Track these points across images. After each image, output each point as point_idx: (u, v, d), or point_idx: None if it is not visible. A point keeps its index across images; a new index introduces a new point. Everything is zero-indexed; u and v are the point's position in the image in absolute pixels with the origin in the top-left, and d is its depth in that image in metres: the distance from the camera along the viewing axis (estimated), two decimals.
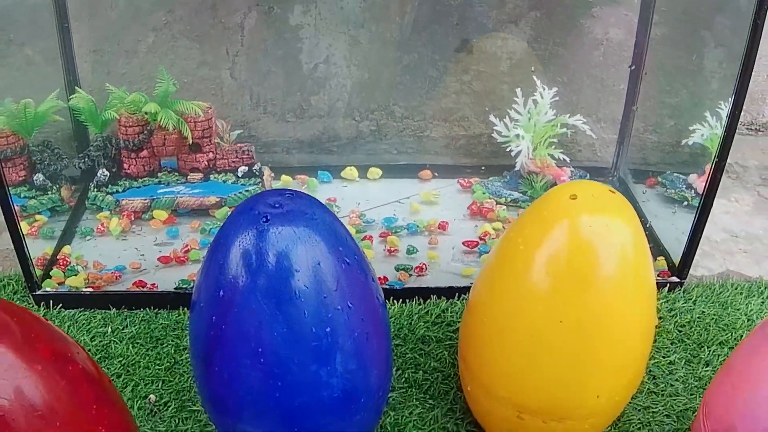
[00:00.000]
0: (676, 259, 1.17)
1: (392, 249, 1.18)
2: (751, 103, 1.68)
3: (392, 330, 1.06)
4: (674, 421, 0.96)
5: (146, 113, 1.20)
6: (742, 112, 1.68)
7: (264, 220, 0.72)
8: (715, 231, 1.42)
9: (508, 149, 1.29)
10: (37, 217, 1.22)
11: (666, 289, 1.17)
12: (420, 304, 1.10)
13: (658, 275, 1.20)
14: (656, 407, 0.99)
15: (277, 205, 0.74)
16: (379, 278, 1.13)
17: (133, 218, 1.23)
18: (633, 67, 1.31)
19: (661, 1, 1.28)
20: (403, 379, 0.99)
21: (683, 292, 1.18)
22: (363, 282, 0.76)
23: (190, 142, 1.24)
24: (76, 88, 1.23)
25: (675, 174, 1.32)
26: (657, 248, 1.24)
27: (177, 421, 0.94)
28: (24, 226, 1.11)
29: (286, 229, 0.72)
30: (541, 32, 1.36)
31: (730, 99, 1.04)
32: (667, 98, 1.40)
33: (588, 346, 0.77)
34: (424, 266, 1.15)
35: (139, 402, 0.96)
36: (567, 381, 0.79)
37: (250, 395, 0.74)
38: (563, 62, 1.38)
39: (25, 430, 0.64)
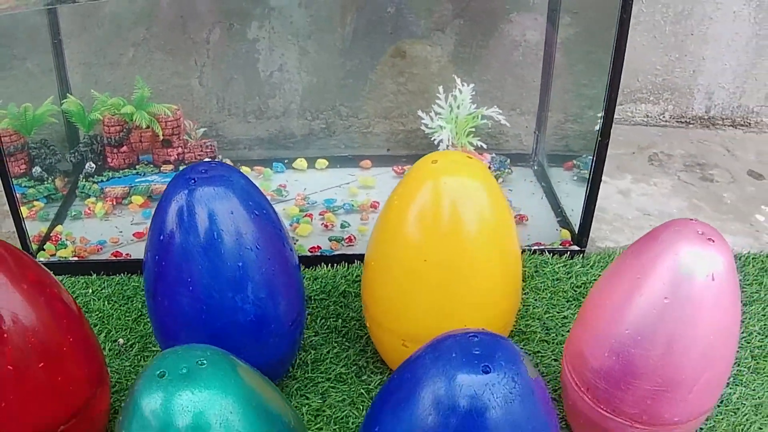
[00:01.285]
0: None
1: (328, 224, 1.40)
2: (681, 96, 1.87)
3: (319, 287, 1.26)
4: (560, 365, 1.14)
5: (124, 114, 1.42)
6: (672, 106, 1.89)
7: (192, 181, 0.94)
8: (630, 210, 1.60)
9: (433, 140, 1.50)
10: (35, 203, 1.44)
11: (567, 255, 1.36)
12: (345, 268, 1.31)
13: (561, 244, 1.39)
14: (545, 352, 1.17)
15: (203, 171, 0.95)
16: (312, 247, 1.35)
17: (115, 203, 1.45)
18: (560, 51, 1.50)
19: (570, 4, 1.47)
20: (326, 327, 1.20)
21: (582, 258, 1.37)
22: (271, 231, 0.97)
23: (162, 139, 1.46)
24: (68, 94, 1.46)
25: (589, 157, 1.50)
26: (564, 221, 1.44)
27: (140, 359, 1.15)
28: (24, 211, 1.33)
29: (208, 188, 0.93)
30: (465, 37, 1.57)
31: (606, 79, 1.22)
32: (583, 90, 1.59)
33: (449, 282, 0.97)
34: (353, 237, 1.36)
35: (110, 344, 1.17)
36: (437, 312, 0.98)
37: (183, 319, 0.96)
38: (486, 62, 1.58)
39: (11, 331, 0.84)
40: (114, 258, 1.34)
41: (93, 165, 1.48)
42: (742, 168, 1.74)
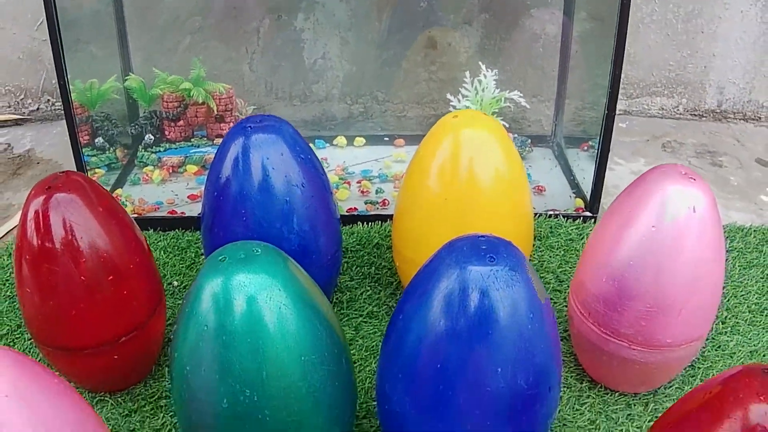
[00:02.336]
0: None
1: (364, 190, 1.55)
2: (693, 91, 1.99)
3: (355, 240, 1.41)
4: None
5: (182, 90, 1.60)
6: (686, 100, 2.00)
7: (249, 128, 1.09)
8: None
9: None
10: (97, 170, 1.61)
11: (580, 220, 1.49)
12: (380, 225, 1.45)
13: (574, 210, 1.52)
14: (557, 299, 1.30)
15: (258, 121, 1.11)
16: (350, 208, 1.50)
17: (171, 171, 1.62)
18: (577, 51, 1.65)
19: (582, 2, 1.62)
20: (360, 273, 1.34)
21: (594, 222, 1.49)
22: (314, 174, 1.12)
23: (215, 114, 1.63)
24: (130, 73, 1.64)
25: None
26: (578, 192, 1.57)
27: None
28: None
29: (262, 134, 1.09)
30: (489, 30, 1.72)
31: (610, 59, 1.36)
32: (597, 80, 1.72)
33: (465, 218, 1.10)
34: (386, 201, 1.51)
35: (165, 286, 1.33)
36: None
37: None
38: (508, 54, 1.73)
39: (86, 246, 1.00)
40: (170, 215, 1.50)
41: (152, 137, 1.65)
42: (750, 156, 1.84)
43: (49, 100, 2.08)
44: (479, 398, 0.81)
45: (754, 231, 1.51)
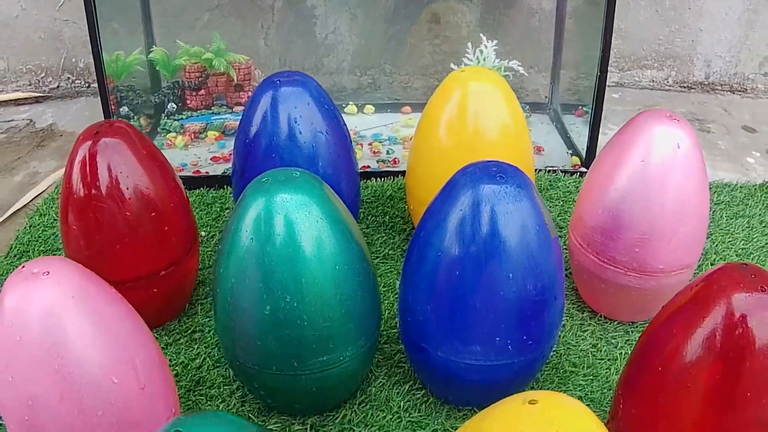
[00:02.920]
0: None
1: (376, 151, 1.66)
2: (682, 64, 2.11)
3: (370, 193, 1.51)
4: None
5: (205, 60, 1.70)
6: (675, 72, 2.11)
7: (278, 82, 1.20)
8: None
9: None
10: None
11: (576, 175, 1.60)
12: (392, 180, 1.56)
13: (571, 167, 1.63)
14: None
15: (286, 76, 1.22)
16: (363, 166, 1.60)
17: (193, 137, 1.72)
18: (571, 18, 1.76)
19: None
20: (375, 222, 1.45)
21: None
22: (336, 124, 1.23)
23: (235, 83, 1.74)
24: (153, 46, 1.74)
25: None
26: (574, 151, 1.68)
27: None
28: None
29: (290, 87, 1.20)
30: (490, 6, 1.83)
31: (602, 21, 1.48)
32: (590, 51, 1.83)
33: (473, 158, 1.21)
34: (397, 160, 1.61)
35: None
36: None
37: None
38: (507, 28, 1.84)
39: (131, 185, 1.10)
40: (195, 174, 1.60)
41: (174, 105, 1.75)
42: (737, 124, 1.96)
43: (69, 77, 2.17)
44: (493, 302, 0.92)
45: (740, 187, 1.62)
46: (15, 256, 1.46)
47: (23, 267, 0.84)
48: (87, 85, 2.17)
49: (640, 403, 0.86)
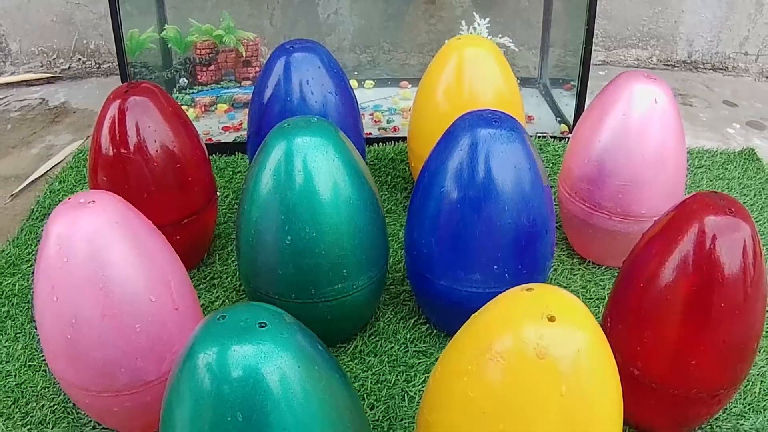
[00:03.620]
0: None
1: (377, 120, 1.76)
2: (666, 43, 2.21)
3: (372, 156, 1.62)
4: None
5: (216, 36, 1.80)
6: (659, 51, 2.22)
7: (291, 48, 1.30)
8: None
9: None
10: None
11: (565, 140, 1.70)
12: (393, 145, 1.67)
13: (560, 133, 1.74)
14: None
15: (298, 43, 1.32)
16: (365, 133, 1.70)
17: (204, 109, 1.82)
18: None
19: None
20: (378, 181, 1.55)
21: None
22: (344, 85, 1.33)
23: (243, 59, 1.83)
24: (165, 25, 1.84)
25: None
26: (563, 120, 1.78)
27: (233, 205, 1.51)
28: None
29: (302, 53, 1.30)
30: None
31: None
32: (577, 31, 1.94)
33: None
34: (397, 127, 1.72)
35: None
36: None
37: None
38: (499, 9, 1.95)
39: (159, 138, 1.19)
40: (207, 142, 1.70)
41: (185, 80, 1.85)
42: (718, 99, 2.07)
43: (80, 59, 2.26)
44: (491, 232, 1.02)
45: (720, 153, 1.73)
46: (36, 218, 1.55)
47: (69, 198, 0.93)
48: (98, 65, 2.26)
49: (626, 318, 0.96)
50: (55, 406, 1.10)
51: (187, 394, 0.67)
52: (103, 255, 0.90)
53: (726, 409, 1.08)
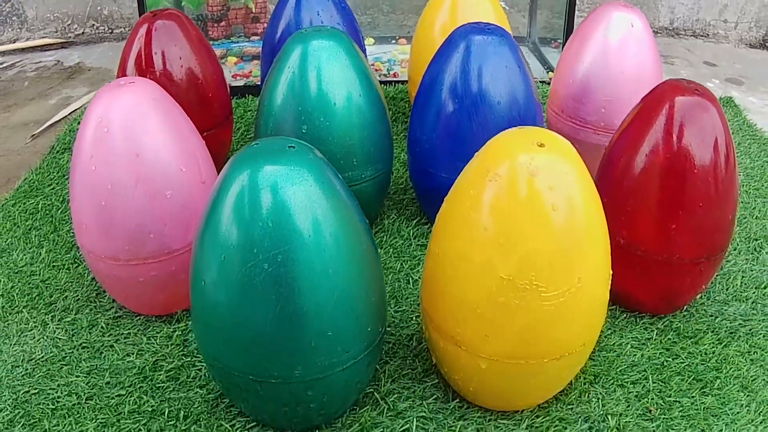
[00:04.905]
0: None
1: (378, 69, 1.88)
2: (648, 10, 2.34)
3: None
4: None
5: None
6: None
7: None
8: None
9: None
10: None
11: None
12: (393, 87, 1.79)
13: (549, 79, 1.85)
14: None
15: None
16: None
17: None
18: None
19: None
20: None
21: None
22: (351, 20, 1.45)
23: (252, 15, 1.95)
24: None
25: None
26: (551, 70, 1.90)
27: (245, 138, 1.61)
28: None
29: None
30: None
31: None
32: None
33: None
34: (396, 73, 1.84)
35: None
36: None
37: None
38: None
39: (189, 59, 1.31)
40: None
41: None
42: (699, 60, 2.20)
43: (93, 24, 2.37)
44: (487, 123, 1.13)
45: None
46: (58, 152, 1.65)
47: (110, 82, 1.04)
48: (110, 30, 2.37)
49: (610, 191, 1.06)
50: (78, 296, 1.19)
51: (226, 201, 0.78)
52: (140, 125, 1.00)
53: (710, 296, 1.19)
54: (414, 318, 1.12)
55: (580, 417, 0.97)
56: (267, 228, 0.76)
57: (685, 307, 1.16)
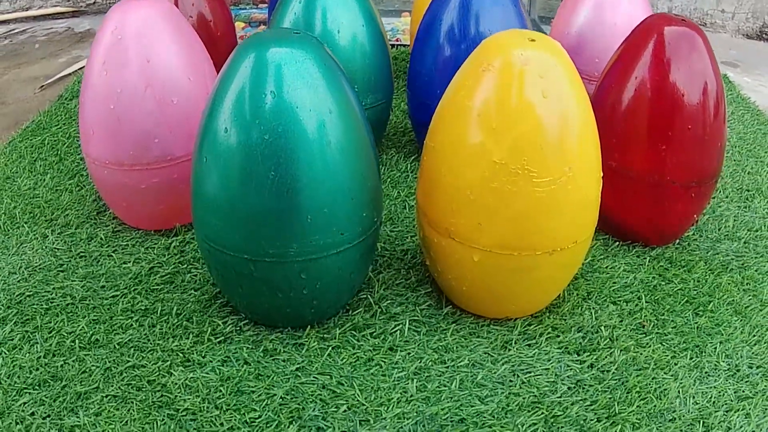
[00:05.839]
0: None
1: None
2: None
3: None
4: None
5: None
6: None
7: None
8: None
9: None
10: None
11: None
12: (396, 49, 1.83)
13: None
14: None
15: None
16: None
17: None
18: None
19: None
20: None
21: None
22: None
23: None
24: None
25: None
26: None
27: None
28: None
29: None
30: None
31: None
32: None
33: None
34: (399, 38, 1.89)
35: None
36: None
37: None
38: None
39: (196, 8, 1.35)
40: None
41: None
42: None
43: None
44: None
45: None
46: (66, 99, 1.68)
47: None
48: None
49: (603, 115, 1.08)
50: (79, 214, 1.21)
51: (234, 77, 0.81)
52: (152, 33, 1.04)
53: (702, 234, 1.21)
54: (410, 237, 1.14)
55: (573, 327, 0.98)
56: (270, 101, 0.79)
57: (677, 242, 1.18)
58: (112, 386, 0.87)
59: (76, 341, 0.94)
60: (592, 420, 0.85)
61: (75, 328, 0.96)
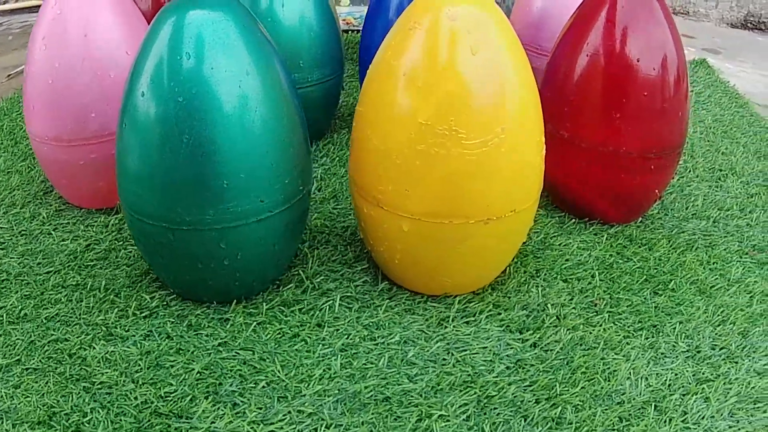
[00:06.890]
0: None
1: (349, 22, 1.91)
2: None
3: (346, 42, 1.74)
4: None
5: None
6: None
7: None
8: None
9: None
10: None
11: None
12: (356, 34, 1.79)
13: None
14: None
15: None
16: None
17: None
18: None
19: None
20: (349, 58, 1.66)
21: None
22: None
23: None
24: None
25: None
26: None
27: None
28: None
29: None
30: None
31: None
32: None
33: None
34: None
35: None
36: None
37: None
38: None
39: None
40: None
41: None
42: (693, 36, 2.20)
43: None
44: None
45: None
46: None
47: None
48: None
49: (554, 83, 1.06)
50: (26, 195, 1.18)
51: (153, 42, 0.79)
52: (91, 7, 1.02)
53: (668, 212, 1.16)
54: (352, 214, 1.10)
55: (517, 304, 0.94)
56: (186, 63, 0.76)
57: (639, 220, 1.13)
58: (34, 359, 0.84)
59: (5, 315, 0.91)
60: (530, 401, 0.80)
61: (6, 303, 0.93)
